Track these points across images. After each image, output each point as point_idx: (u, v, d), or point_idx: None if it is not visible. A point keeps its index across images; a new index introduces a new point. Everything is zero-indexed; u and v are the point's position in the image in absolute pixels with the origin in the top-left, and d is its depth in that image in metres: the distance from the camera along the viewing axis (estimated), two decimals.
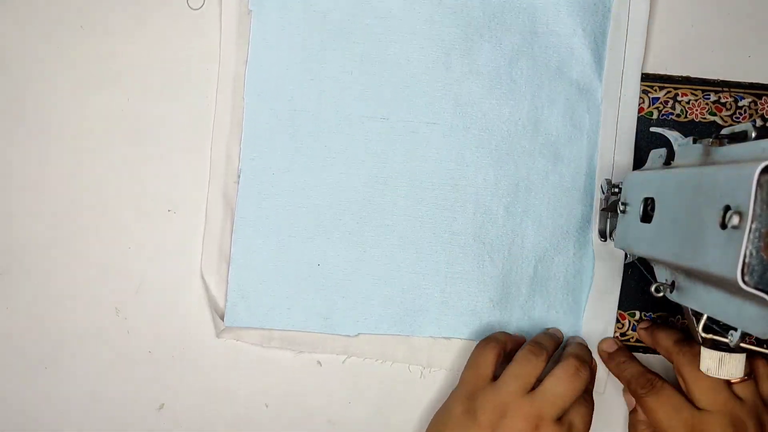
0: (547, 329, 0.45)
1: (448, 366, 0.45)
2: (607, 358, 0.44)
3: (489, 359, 0.40)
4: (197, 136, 0.46)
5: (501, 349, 0.41)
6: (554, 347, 0.42)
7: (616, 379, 0.44)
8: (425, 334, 0.45)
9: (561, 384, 0.38)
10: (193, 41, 0.46)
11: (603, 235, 0.43)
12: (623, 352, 0.44)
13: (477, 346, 0.42)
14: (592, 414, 0.40)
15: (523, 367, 0.39)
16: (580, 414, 0.39)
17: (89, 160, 0.46)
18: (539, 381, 0.39)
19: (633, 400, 0.43)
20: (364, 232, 0.45)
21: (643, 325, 0.44)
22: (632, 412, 0.43)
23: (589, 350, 0.43)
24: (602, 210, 0.43)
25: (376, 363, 0.46)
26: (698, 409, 0.38)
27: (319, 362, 0.46)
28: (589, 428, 0.39)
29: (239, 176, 0.45)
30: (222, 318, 0.46)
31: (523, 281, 0.45)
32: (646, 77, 0.45)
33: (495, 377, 0.40)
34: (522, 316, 0.45)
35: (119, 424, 0.47)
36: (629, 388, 0.42)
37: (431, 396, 0.46)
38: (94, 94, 0.46)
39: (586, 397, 0.40)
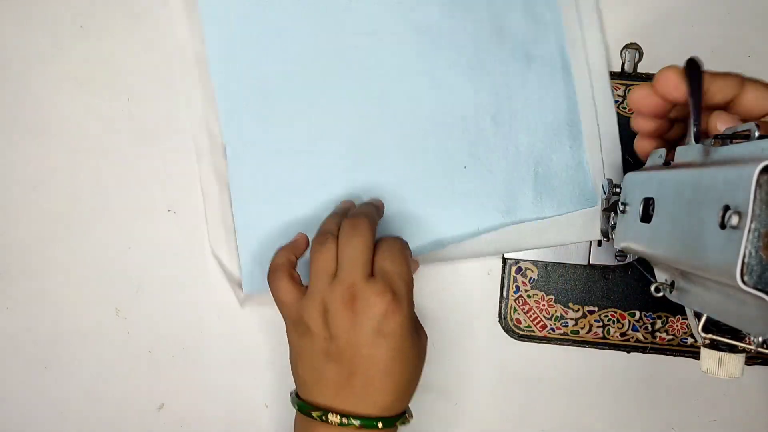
0: (335, 208, 0.44)
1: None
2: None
3: (282, 287, 0.39)
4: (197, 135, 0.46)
5: (288, 271, 0.40)
6: (339, 222, 0.40)
7: None
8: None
9: (346, 247, 0.37)
10: (193, 41, 0.46)
11: (605, 234, 0.43)
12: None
13: (270, 286, 0.40)
14: (399, 244, 0.39)
15: (317, 261, 0.38)
16: (385, 258, 0.38)
17: (89, 160, 0.46)
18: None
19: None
20: (359, 174, 0.45)
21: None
22: None
23: (371, 203, 0.43)
24: (603, 210, 0.43)
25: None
26: None
27: None
28: (405, 262, 0.38)
29: (225, 150, 0.45)
30: (241, 288, 0.45)
31: (527, 185, 0.45)
32: (646, 77, 0.45)
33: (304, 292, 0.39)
34: (535, 219, 0.45)
35: (119, 424, 0.47)
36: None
37: (432, 396, 0.46)
38: (94, 94, 0.46)
39: (387, 239, 0.39)
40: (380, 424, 0.37)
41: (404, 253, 0.38)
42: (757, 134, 0.29)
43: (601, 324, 0.46)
